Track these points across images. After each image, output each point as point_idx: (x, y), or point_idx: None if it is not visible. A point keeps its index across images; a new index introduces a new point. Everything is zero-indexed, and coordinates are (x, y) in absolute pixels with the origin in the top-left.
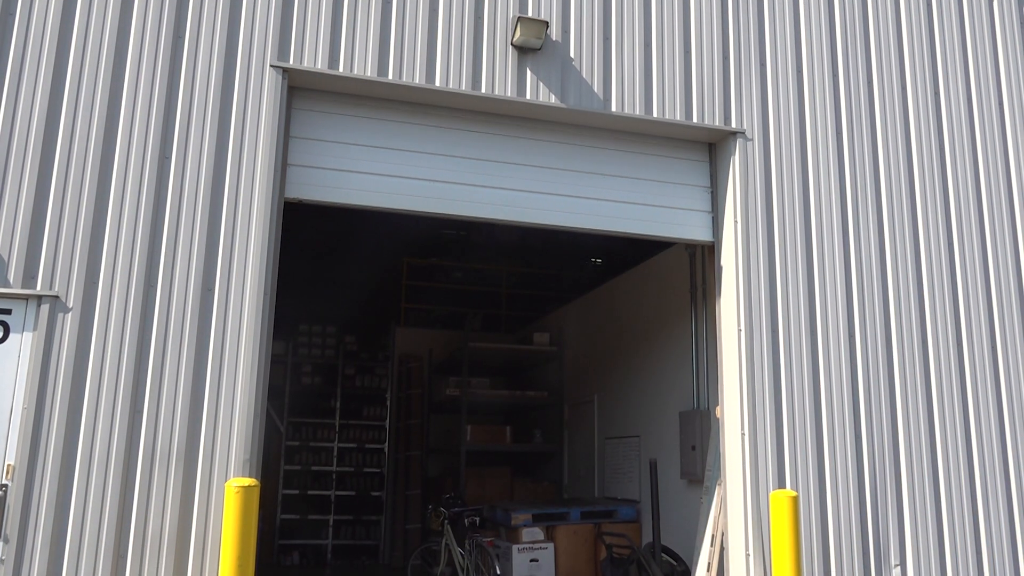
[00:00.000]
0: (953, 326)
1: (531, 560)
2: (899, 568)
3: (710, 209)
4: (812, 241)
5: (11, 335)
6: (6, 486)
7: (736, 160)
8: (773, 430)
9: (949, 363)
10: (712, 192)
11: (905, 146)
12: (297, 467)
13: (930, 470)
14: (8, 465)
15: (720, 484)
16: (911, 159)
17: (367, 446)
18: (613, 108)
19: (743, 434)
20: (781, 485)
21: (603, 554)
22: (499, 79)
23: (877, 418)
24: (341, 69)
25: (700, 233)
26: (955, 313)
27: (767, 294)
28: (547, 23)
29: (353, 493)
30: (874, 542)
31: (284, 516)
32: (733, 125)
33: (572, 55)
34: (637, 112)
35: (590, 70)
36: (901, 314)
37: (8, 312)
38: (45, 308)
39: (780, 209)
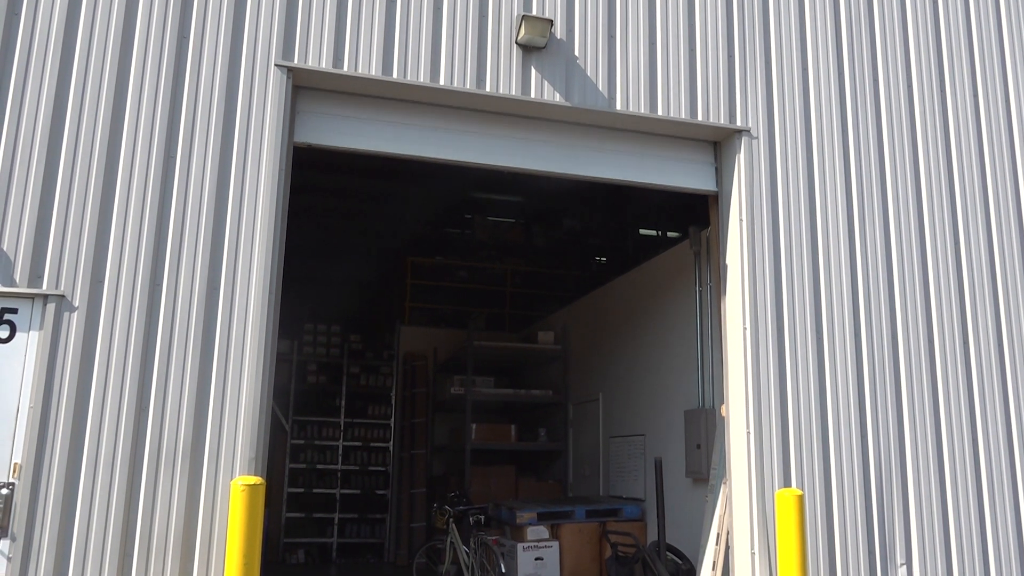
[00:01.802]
0: (959, 324)
1: (536, 558)
2: (905, 567)
3: (713, 161)
4: (818, 239)
5: (17, 334)
6: (13, 484)
7: (741, 158)
8: (778, 428)
9: (955, 361)
10: (716, 148)
11: (911, 144)
12: (302, 465)
13: (936, 468)
14: (15, 464)
15: (725, 483)
16: (917, 157)
17: (372, 445)
18: (618, 106)
19: (748, 432)
20: (786, 484)
21: (608, 552)
22: (503, 78)
23: (883, 416)
24: (346, 68)
25: (704, 183)
26: (961, 311)
27: (772, 292)
28: (552, 21)
29: (358, 491)
30: (880, 541)
31: (289, 514)
32: (738, 123)
33: (577, 53)
34: (642, 110)
35: (595, 68)
36: (907, 312)
37: (14, 311)
38: (51, 307)
39: (785, 207)
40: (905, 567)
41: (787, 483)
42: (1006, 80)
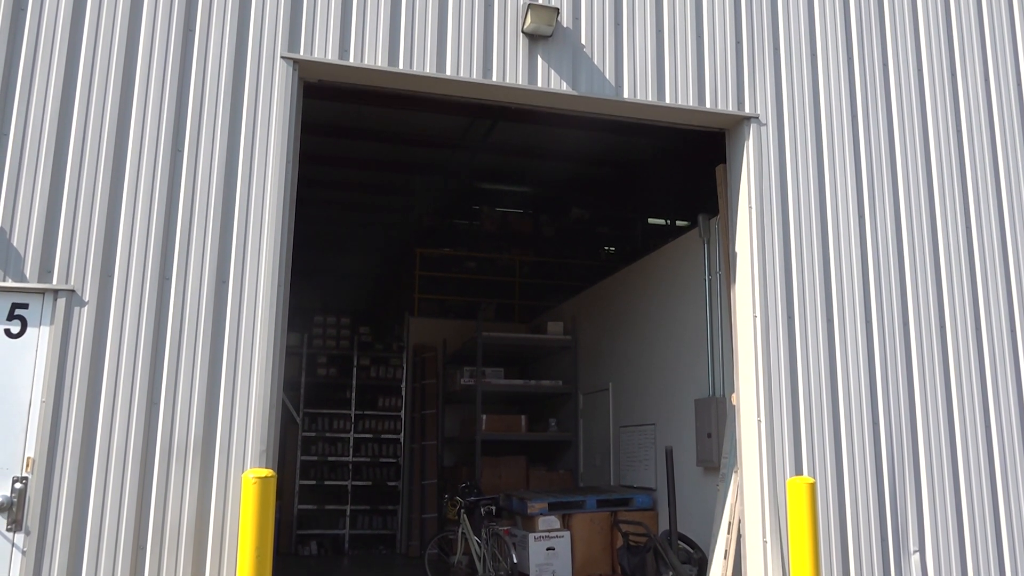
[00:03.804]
0: (971, 310)
1: (547, 548)
2: (918, 554)
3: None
4: (828, 226)
5: (28, 329)
6: (26, 479)
7: (750, 146)
8: (790, 416)
9: (967, 348)
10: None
11: (921, 130)
12: (313, 458)
13: (949, 456)
14: (28, 458)
15: (736, 471)
16: (927, 143)
17: (383, 436)
18: (625, 95)
19: (759, 421)
20: (798, 472)
21: (619, 542)
22: (510, 67)
23: (895, 403)
24: (352, 60)
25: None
26: (973, 297)
27: (782, 280)
28: (558, 10)
29: (369, 483)
30: (892, 528)
31: (301, 506)
32: (747, 110)
33: (583, 42)
34: (649, 99)
35: (601, 57)
36: (918, 298)
37: (25, 306)
38: (61, 302)
39: (795, 194)
40: (918, 554)
41: (799, 471)
42: (1018, 64)
